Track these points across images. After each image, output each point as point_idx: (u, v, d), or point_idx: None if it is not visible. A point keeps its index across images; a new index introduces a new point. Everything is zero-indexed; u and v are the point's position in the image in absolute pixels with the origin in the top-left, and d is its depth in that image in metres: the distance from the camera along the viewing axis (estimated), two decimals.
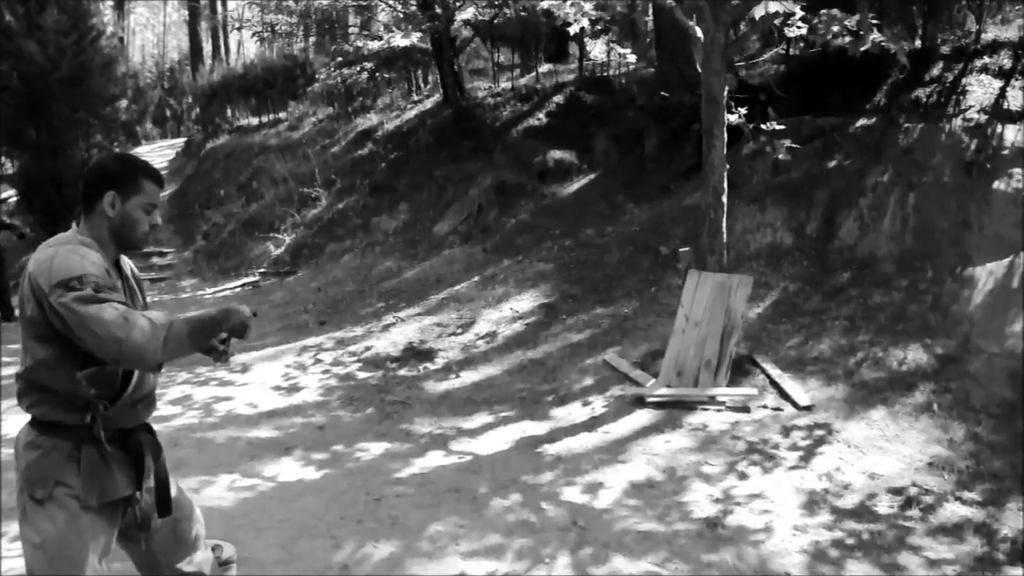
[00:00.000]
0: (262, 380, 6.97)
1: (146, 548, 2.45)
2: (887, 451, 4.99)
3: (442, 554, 3.87)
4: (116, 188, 2.29)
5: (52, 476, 2.21)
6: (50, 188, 14.40)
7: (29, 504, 2.23)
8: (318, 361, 7.50)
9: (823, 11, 6.28)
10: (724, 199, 6.49)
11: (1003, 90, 7.87)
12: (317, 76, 16.97)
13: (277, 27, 16.54)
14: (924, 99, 8.32)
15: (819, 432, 5.26)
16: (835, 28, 6.23)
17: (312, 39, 19.85)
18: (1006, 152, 7.15)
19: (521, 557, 3.84)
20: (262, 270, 12.15)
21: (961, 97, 8.00)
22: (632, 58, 8.64)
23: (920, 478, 4.63)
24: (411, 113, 15.01)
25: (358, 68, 15.75)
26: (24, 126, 14.32)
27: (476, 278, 9.19)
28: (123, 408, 2.32)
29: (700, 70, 6.51)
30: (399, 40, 12.59)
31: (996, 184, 6.95)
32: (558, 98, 12.99)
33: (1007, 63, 8.19)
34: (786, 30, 6.69)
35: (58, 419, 2.24)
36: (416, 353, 7.45)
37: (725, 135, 6.45)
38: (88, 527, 2.24)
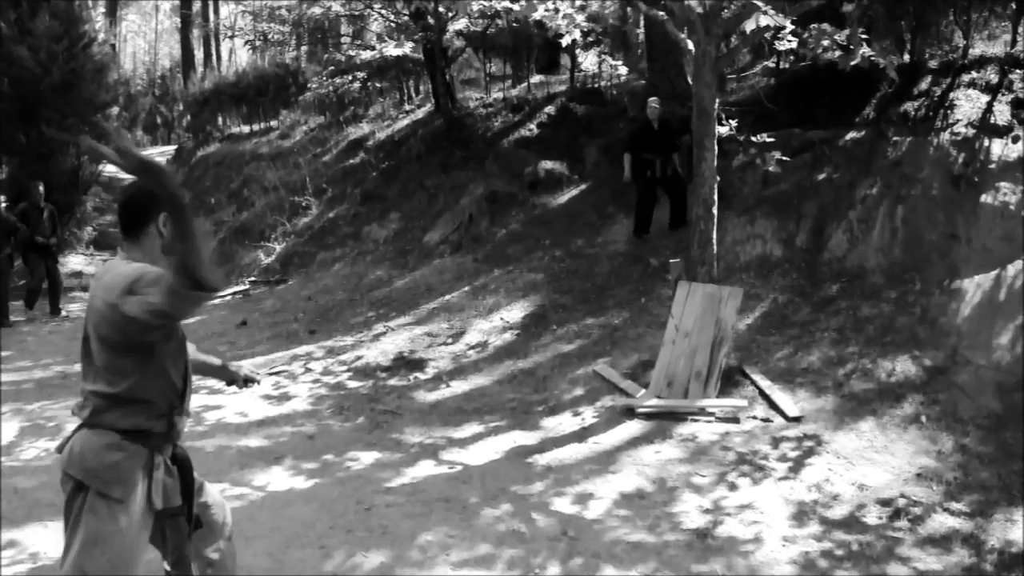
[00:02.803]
0: (252, 389, 6.94)
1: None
2: (876, 462, 5.01)
3: (432, 563, 3.87)
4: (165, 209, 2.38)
5: (134, 478, 2.33)
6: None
7: (98, 503, 2.30)
8: (308, 370, 7.48)
9: (813, 25, 6.35)
10: (714, 211, 6.53)
11: (990, 104, 7.95)
12: (309, 85, 17.00)
13: (270, 36, 16.58)
14: (912, 113, 8.40)
15: (808, 443, 5.29)
16: (825, 42, 6.30)
17: (304, 48, 19.88)
18: (993, 166, 7.22)
19: (511, 567, 3.84)
20: (252, 278, 12.11)
21: (949, 111, 8.08)
22: (623, 70, 8.71)
23: (908, 489, 4.65)
24: (403, 122, 15.02)
25: (350, 77, 15.80)
26: (14, 131, 14.25)
27: (466, 288, 9.19)
28: (182, 417, 2.49)
29: (691, 82, 6.56)
30: (391, 50, 12.63)
31: (983, 197, 7.01)
32: (549, 109, 13.03)
33: (994, 78, 8.28)
34: (776, 44, 6.75)
35: (148, 427, 2.37)
36: (406, 363, 7.44)
37: (716, 147, 6.49)
38: (146, 529, 2.38)
